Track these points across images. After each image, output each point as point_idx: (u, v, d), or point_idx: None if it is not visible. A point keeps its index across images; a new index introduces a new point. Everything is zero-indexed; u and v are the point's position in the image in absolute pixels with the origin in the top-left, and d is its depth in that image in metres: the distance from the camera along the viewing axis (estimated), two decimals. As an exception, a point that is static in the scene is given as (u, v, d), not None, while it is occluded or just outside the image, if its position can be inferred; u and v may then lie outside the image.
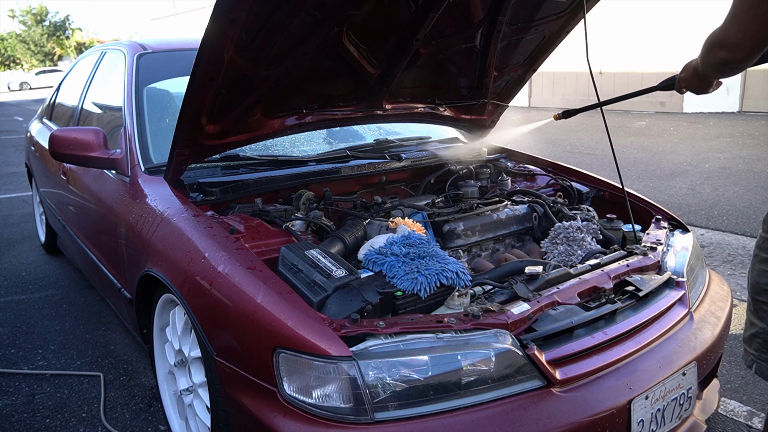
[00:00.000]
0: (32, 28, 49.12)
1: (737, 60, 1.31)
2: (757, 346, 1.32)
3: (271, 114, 2.21)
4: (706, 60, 1.43)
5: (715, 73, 1.48)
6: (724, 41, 1.29)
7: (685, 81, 1.72)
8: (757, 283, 1.31)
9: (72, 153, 2.38)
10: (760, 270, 1.30)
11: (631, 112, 12.11)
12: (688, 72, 1.69)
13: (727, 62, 1.32)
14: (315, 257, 1.70)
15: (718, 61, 1.35)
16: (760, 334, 1.31)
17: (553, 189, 2.70)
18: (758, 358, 1.32)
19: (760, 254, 1.31)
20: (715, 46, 1.33)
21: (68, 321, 3.32)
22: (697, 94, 1.76)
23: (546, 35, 2.58)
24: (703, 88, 1.70)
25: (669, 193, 5.73)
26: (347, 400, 1.40)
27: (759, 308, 1.31)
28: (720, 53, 1.32)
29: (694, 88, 1.71)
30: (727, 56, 1.30)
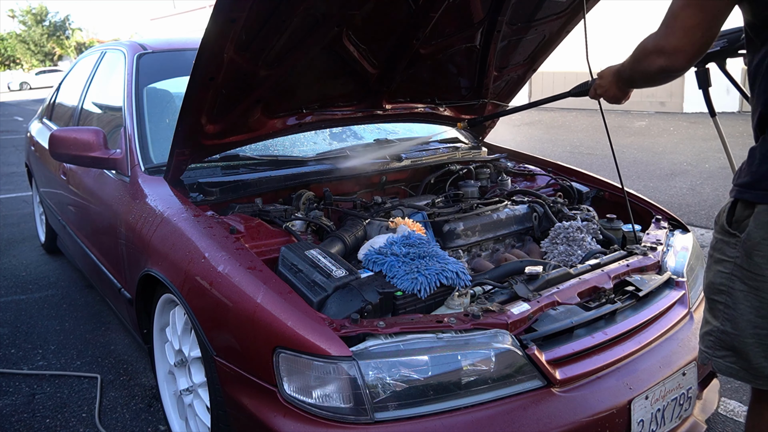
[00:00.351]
0: (32, 28, 49.13)
1: (677, 67, 1.29)
2: (709, 343, 1.34)
3: (271, 114, 2.21)
4: (638, 67, 1.40)
5: (646, 81, 1.46)
6: (665, 48, 1.27)
7: (602, 88, 1.71)
8: (712, 283, 1.31)
9: (72, 153, 2.38)
10: (715, 271, 1.31)
11: (631, 112, 12.12)
12: (607, 79, 1.68)
13: (666, 70, 1.30)
14: (315, 257, 1.70)
15: (655, 69, 1.32)
16: (713, 332, 1.32)
17: (553, 189, 2.70)
18: (713, 356, 1.34)
19: (714, 255, 1.32)
20: (652, 53, 1.30)
21: (68, 321, 3.32)
22: (610, 103, 1.76)
23: (546, 35, 2.58)
24: (619, 98, 1.70)
25: (669, 193, 5.73)
26: (347, 400, 1.40)
27: (714, 307, 1.32)
28: (658, 60, 1.29)
29: (610, 96, 1.70)
30: (666, 63, 1.28)
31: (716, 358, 1.32)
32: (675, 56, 1.26)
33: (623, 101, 1.72)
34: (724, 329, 1.29)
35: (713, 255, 1.32)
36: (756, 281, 1.22)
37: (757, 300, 1.22)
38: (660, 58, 1.29)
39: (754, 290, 1.23)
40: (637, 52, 1.38)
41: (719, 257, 1.29)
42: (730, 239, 1.26)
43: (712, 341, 1.32)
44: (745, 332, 1.25)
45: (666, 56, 1.27)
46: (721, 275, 1.28)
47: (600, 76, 1.73)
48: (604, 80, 1.70)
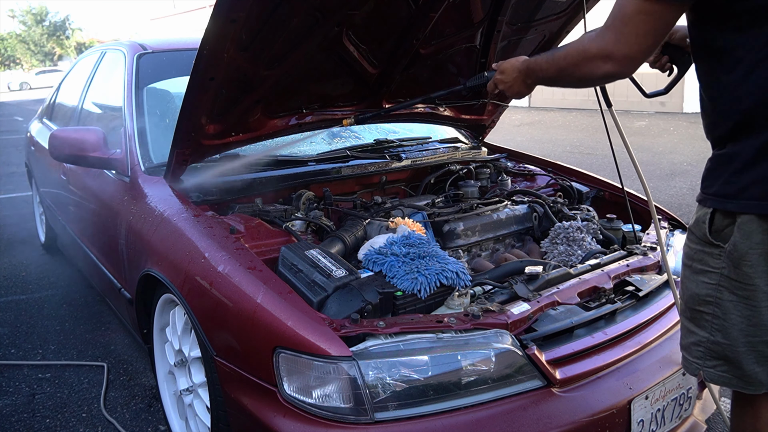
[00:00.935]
0: (32, 28, 49.14)
1: (626, 74, 1.24)
2: (699, 354, 1.32)
3: (271, 114, 2.21)
4: (574, 72, 1.32)
5: (576, 84, 1.38)
6: (613, 55, 1.20)
7: (505, 84, 1.65)
8: (697, 294, 1.29)
9: (72, 153, 2.38)
10: (698, 281, 1.28)
11: (631, 112, 12.11)
12: (511, 74, 1.61)
13: (612, 76, 1.24)
14: (315, 257, 1.70)
15: (599, 75, 1.25)
16: (702, 342, 1.31)
17: (553, 189, 2.70)
18: (703, 366, 1.32)
19: (694, 265, 1.29)
20: (596, 58, 1.23)
21: (68, 321, 3.32)
22: (509, 98, 1.71)
23: (546, 35, 2.58)
24: (523, 94, 1.64)
25: (669, 193, 5.73)
26: (347, 400, 1.40)
27: (700, 317, 1.30)
28: (604, 66, 1.22)
29: (514, 92, 1.64)
30: (614, 70, 1.22)
31: (707, 368, 1.31)
32: (624, 63, 1.21)
33: (524, 96, 1.67)
34: (714, 339, 1.28)
35: (692, 266, 1.30)
36: (746, 290, 1.21)
37: (748, 309, 1.22)
38: (607, 65, 1.22)
39: (744, 299, 1.22)
40: (574, 55, 1.30)
41: (701, 268, 1.27)
42: (713, 250, 1.24)
43: (702, 352, 1.31)
44: (738, 341, 1.25)
45: (614, 62, 1.21)
46: (707, 286, 1.26)
47: (501, 71, 1.65)
48: (507, 75, 1.63)
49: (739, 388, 1.30)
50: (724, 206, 1.21)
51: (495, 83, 1.70)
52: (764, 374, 1.25)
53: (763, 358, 1.24)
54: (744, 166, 1.17)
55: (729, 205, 1.20)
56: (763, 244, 1.16)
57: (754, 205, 1.16)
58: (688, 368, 1.38)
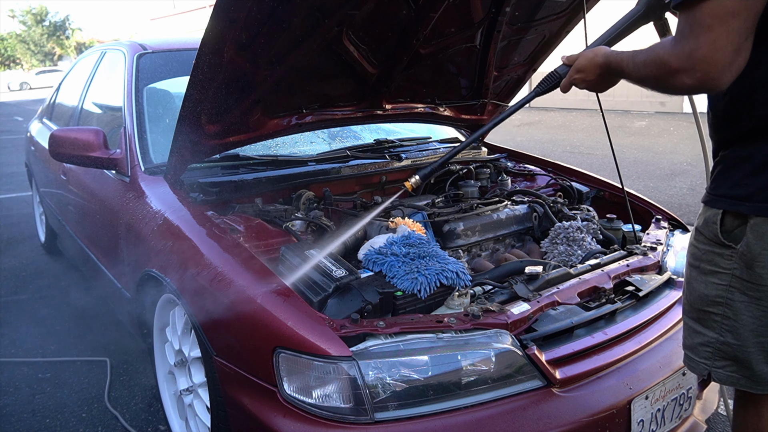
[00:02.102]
0: (32, 28, 49.13)
1: (714, 85, 1.07)
2: (707, 354, 1.32)
3: (271, 114, 2.21)
4: (655, 84, 1.20)
5: (665, 93, 1.25)
6: (697, 67, 1.05)
7: (588, 82, 1.45)
8: (706, 295, 1.28)
9: (72, 153, 2.38)
10: (707, 282, 1.28)
11: (631, 112, 12.11)
12: (592, 73, 1.42)
13: (700, 89, 1.10)
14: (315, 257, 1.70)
15: (685, 89, 1.12)
16: (711, 343, 1.30)
17: (553, 189, 2.70)
18: (712, 366, 1.32)
19: (702, 266, 1.28)
20: (679, 72, 1.08)
21: (68, 321, 3.32)
22: (592, 92, 1.52)
23: (546, 35, 2.58)
24: (608, 87, 1.47)
25: (669, 193, 5.73)
26: (347, 400, 1.40)
27: (708, 318, 1.30)
28: (687, 80, 1.08)
29: (599, 90, 1.48)
30: (699, 83, 1.07)
31: (716, 369, 1.31)
32: (711, 75, 1.05)
33: (609, 89, 1.49)
34: (724, 340, 1.28)
35: (701, 266, 1.29)
36: (759, 291, 1.21)
37: (760, 310, 1.22)
38: (691, 78, 1.07)
39: (756, 300, 1.22)
40: (653, 68, 1.17)
41: (711, 269, 1.27)
42: (723, 251, 1.24)
43: (710, 352, 1.31)
44: (748, 342, 1.24)
45: (700, 75, 1.06)
46: (717, 287, 1.26)
47: (580, 69, 1.45)
48: (588, 74, 1.44)
49: (747, 388, 1.30)
50: (736, 208, 1.20)
51: (572, 82, 1.50)
52: None
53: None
54: (757, 169, 1.17)
55: (742, 207, 1.19)
56: None
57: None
58: (694, 369, 1.38)
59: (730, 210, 1.22)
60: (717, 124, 1.27)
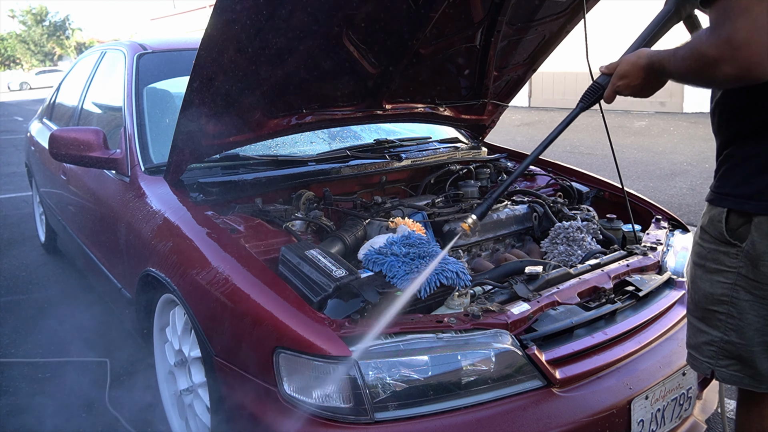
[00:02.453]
0: (32, 28, 49.14)
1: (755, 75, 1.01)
2: (711, 353, 1.32)
3: (271, 114, 2.21)
4: (695, 78, 1.16)
5: (709, 87, 1.22)
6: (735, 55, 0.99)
7: (634, 88, 1.37)
8: (711, 293, 1.28)
9: (72, 153, 2.38)
10: (712, 281, 1.27)
11: (631, 112, 12.11)
12: (638, 76, 1.35)
13: (739, 79, 1.04)
14: (315, 257, 1.70)
15: (723, 80, 1.07)
16: (715, 342, 1.30)
17: (553, 189, 2.70)
18: (716, 365, 1.32)
19: (708, 265, 1.28)
20: (718, 62, 1.03)
21: (68, 321, 3.32)
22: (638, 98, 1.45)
23: (546, 35, 2.58)
24: (656, 90, 1.39)
25: (669, 193, 5.73)
26: (347, 400, 1.40)
27: (713, 317, 1.30)
28: (728, 69, 1.02)
29: (645, 95, 1.40)
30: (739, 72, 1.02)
31: (720, 368, 1.31)
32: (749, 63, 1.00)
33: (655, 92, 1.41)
34: (728, 339, 1.27)
35: (706, 265, 1.29)
36: (764, 290, 1.20)
37: (765, 308, 1.22)
38: (730, 68, 1.03)
39: (761, 299, 1.21)
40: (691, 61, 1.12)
41: (716, 267, 1.26)
42: (729, 249, 1.23)
43: (714, 351, 1.31)
44: (753, 341, 1.24)
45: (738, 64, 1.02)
46: (722, 285, 1.26)
47: (623, 75, 1.37)
48: (633, 79, 1.35)
49: (751, 387, 1.30)
50: (741, 207, 1.20)
51: (616, 90, 1.41)
52: None
53: None
54: (764, 167, 1.17)
55: (746, 206, 1.18)
56: None
57: None
58: (698, 368, 1.38)
59: (735, 209, 1.21)
60: (727, 119, 1.25)
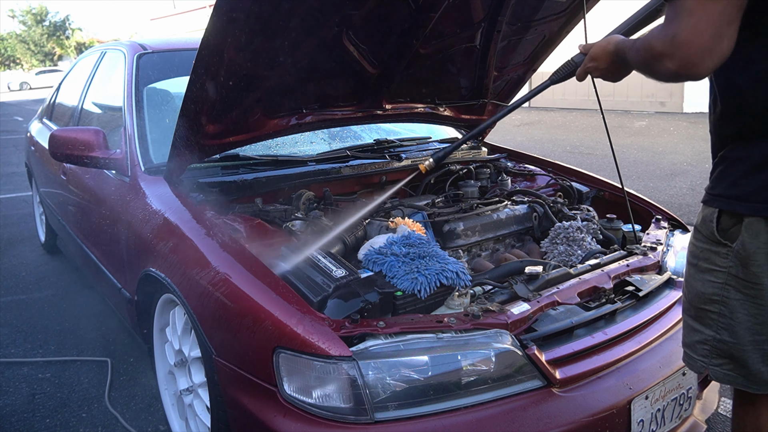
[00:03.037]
0: (32, 28, 49.13)
1: (698, 73, 1.07)
2: (704, 352, 1.33)
3: (271, 114, 2.21)
4: (646, 69, 1.20)
5: (655, 78, 1.23)
6: (677, 52, 1.06)
7: (600, 70, 1.46)
8: (703, 293, 1.29)
9: (72, 153, 2.38)
10: (704, 280, 1.28)
11: (631, 112, 12.11)
12: (605, 61, 1.43)
13: (680, 75, 1.10)
14: (315, 257, 1.70)
15: (666, 74, 1.12)
16: (708, 341, 1.31)
17: (553, 189, 2.70)
18: (709, 364, 1.33)
19: (700, 264, 1.29)
20: (663, 56, 1.09)
21: (68, 321, 3.32)
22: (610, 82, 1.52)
23: (546, 35, 2.58)
24: (624, 76, 1.46)
25: (669, 193, 5.73)
26: (347, 400, 1.40)
27: (705, 316, 1.31)
28: (670, 65, 1.08)
29: (611, 79, 1.48)
30: (679, 69, 1.08)
31: (713, 367, 1.32)
32: (690, 61, 1.06)
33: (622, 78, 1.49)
34: (721, 338, 1.28)
35: (698, 264, 1.30)
36: (754, 289, 1.21)
37: (755, 307, 1.22)
38: (672, 63, 1.08)
39: (751, 298, 1.22)
40: (642, 53, 1.19)
41: (708, 267, 1.27)
42: (720, 249, 1.25)
43: (708, 350, 1.32)
44: (744, 340, 1.25)
45: (679, 61, 1.07)
46: (714, 285, 1.27)
47: (593, 58, 1.46)
48: (601, 62, 1.45)
49: (743, 386, 1.31)
50: (732, 208, 1.21)
51: (587, 70, 1.51)
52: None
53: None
54: (752, 169, 1.18)
55: (738, 207, 1.20)
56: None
57: (764, 208, 1.16)
58: (692, 366, 1.38)
59: (727, 210, 1.22)
60: (716, 122, 1.27)
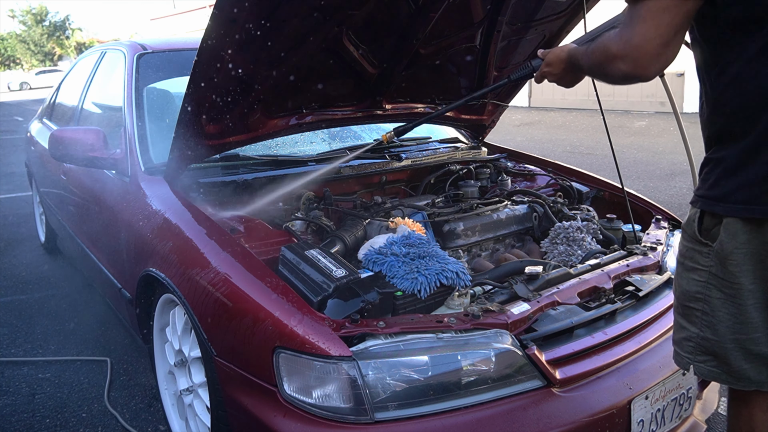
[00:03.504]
0: (32, 28, 49.14)
1: (644, 74, 1.19)
2: (689, 349, 1.35)
3: (271, 114, 2.21)
4: (600, 71, 1.31)
5: (606, 81, 1.35)
6: (630, 54, 1.16)
7: (554, 75, 1.61)
8: (687, 291, 1.32)
9: (72, 153, 2.38)
10: (689, 278, 1.32)
11: (631, 112, 12.12)
12: (558, 67, 1.57)
13: (630, 76, 1.20)
14: (315, 257, 1.70)
15: (619, 75, 1.22)
16: (693, 338, 1.34)
17: (553, 189, 2.70)
18: (694, 360, 1.35)
19: (686, 263, 1.33)
20: (616, 58, 1.19)
21: (68, 321, 3.32)
22: (564, 87, 1.66)
23: (546, 35, 2.58)
24: (575, 83, 1.61)
25: (669, 193, 5.73)
26: (347, 400, 1.40)
27: (691, 313, 1.33)
28: (623, 66, 1.19)
29: (565, 82, 1.62)
30: (632, 70, 1.18)
31: (698, 363, 1.34)
32: (641, 63, 1.17)
33: (575, 84, 1.62)
34: (704, 335, 1.31)
35: (684, 263, 1.33)
36: (732, 288, 1.24)
37: (734, 307, 1.25)
38: (624, 65, 1.19)
39: (731, 297, 1.25)
40: (597, 54, 1.28)
41: (692, 265, 1.30)
42: (702, 248, 1.28)
43: (692, 347, 1.34)
44: (725, 338, 1.27)
45: (631, 62, 1.18)
46: (697, 283, 1.30)
47: (548, 63, 1.60)
48: (555, 67, 1.58)
49: (728, 383, 1.33)
50: (711, 208, 1.24)
51: (542, 74, 1.65)
52: (753, 371, 1.27)
53: (750, 356, 1.26)
54: (729, 170, 1.21)
55: (716, 207, 1.23)
56: (748, 244, 1.20)
57: (740, 209, 1.19)
58: (679, 363, 1.41)
59: (707, 210, 1.26)
60: (702, 125, 1.31)
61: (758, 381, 1.28)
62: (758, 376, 1.27)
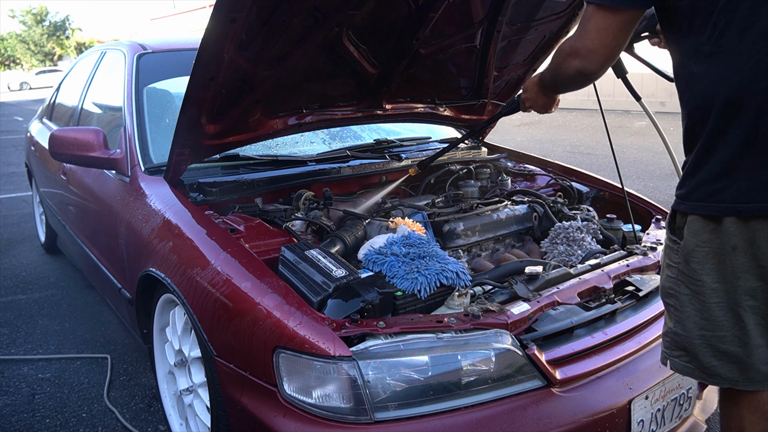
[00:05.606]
0: (32, 28, 49.16)
1: (592, 69, 1.31)
2: (667, 343, 1.38)
3: (271, 114, 2.21)
4: (558, 72, 1.43)
5: (567, 84, 1.48)
6: (580, 50, 1.29)
7: (530, 100, 1.76)
8: (664, 287, 1.37)
9: (72, 153, 2.38)
10: (666, 274, 1.36)
11: (631, 112, 12.11)
12: (532, 90, 1.72)
13: (581, 71, 1.32)
14: (315, 257, 1.70)
15: (572, 72, 1.34)
16: (669, 333, 1.37)
17: (553, 189, 2.70)
18: (670, 355, 1.38)
19: (665, 260, 1.37)
20: (569, 55, 1.32)
21: (68, 321, 3.32)
22: (541, 113, 1.80)
23: (546, 35, 2.58)
24: (548, 106, 1.75)
25: (669, 193, 5.73)
26: (347, 400, 1.40)
27: (668, 309, 1.37)
28: (574, 62, 1.31)
29: (539, 105, 1.76)
30: (581, 65, 1.30)
31: (673, 358, 1.36)
32: (589, 58, 1.28)
33: (553, 109, 1.77)
34: (676, 330, 1.33)
35: (664, 260, 1.38)
36: (696, 285, 1.26)
37: (699, 303, 1.27)
38: (575, 60, 1.31)
39: (696, 294, 1.27)
40: (557, 57, 1.40)
41: (668, 262, 1.35)
42: (673, 245, 1.32)
43: (669, 342, 1.37)
44: (692, 334, 1.29)
45: (581, 58, 1.29)
46: (669, 279, 1.33)
47: (525, 89, 1.76)
48: (530, 92, 1.74)
49: (701, 379, 1.35)
50: (677, 207, 1.30)
51: (523, 102, 1.81)
52: (723, 369, 1.28)
53: (718, 353, 1.27)
54: (690, 169, 1.26)
55: (681, 206, 1.29)
56: (710, 243, 1.22)
57: (699, 207, 1.23)
58: (662, 358, 1.42)
59: (676, 208, 1.31)
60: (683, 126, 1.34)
61: (730, 378, 1.28)
62: (729, 374, 1.28)
